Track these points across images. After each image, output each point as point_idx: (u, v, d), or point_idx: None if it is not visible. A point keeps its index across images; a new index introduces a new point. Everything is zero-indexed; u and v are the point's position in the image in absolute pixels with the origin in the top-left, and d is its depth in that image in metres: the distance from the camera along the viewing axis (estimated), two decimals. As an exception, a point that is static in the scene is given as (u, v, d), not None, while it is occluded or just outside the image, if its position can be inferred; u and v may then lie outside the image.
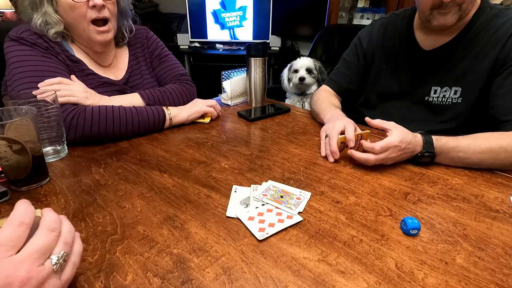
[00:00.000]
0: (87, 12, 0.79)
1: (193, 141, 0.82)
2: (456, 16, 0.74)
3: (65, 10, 0.78)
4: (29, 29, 0.78)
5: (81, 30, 0.81)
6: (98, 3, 0.79)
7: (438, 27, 0.78)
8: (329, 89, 1.07)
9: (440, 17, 0.76)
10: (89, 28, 0.81)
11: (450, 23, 0.76)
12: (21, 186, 0.58)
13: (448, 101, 0.84)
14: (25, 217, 0.31)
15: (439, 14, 0.75)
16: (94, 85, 0.85)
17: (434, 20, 0.77)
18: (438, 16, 0.76)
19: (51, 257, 0.32)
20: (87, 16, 0.80)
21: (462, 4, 0.73)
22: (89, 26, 0.81)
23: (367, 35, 1.00)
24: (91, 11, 0.80)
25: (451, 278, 0.42)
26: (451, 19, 0.75)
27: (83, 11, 0.79)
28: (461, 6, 0.73)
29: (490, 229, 0.51)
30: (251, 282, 0.40)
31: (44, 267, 0.31)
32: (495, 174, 0.67)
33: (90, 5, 0.78)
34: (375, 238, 0.49)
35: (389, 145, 0.66)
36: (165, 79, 1.02)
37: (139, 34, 1.00)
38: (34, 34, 0.78)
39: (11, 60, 0.75)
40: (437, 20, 0.77)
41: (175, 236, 0.48)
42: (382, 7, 2.40)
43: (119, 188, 0.60)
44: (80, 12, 0.79)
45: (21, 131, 0.54)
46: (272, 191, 0.60)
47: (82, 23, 0.80)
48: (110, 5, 0.83)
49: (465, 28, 0.80)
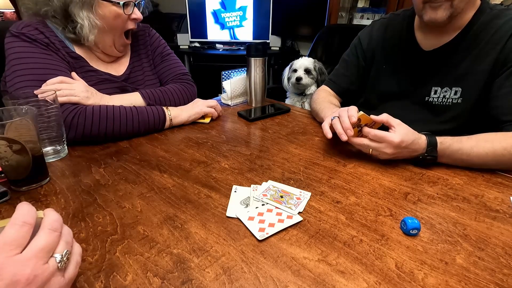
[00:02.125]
0: (127, 23, 0.84)
1: (193, 141, 0.82)
2: (447, 12, 0.75)
3: (106, 16, 0.80)
4: (30, 25, 0.77)
5: (109, 37, 0.84)
6: (139, 18, 0.85)
7: (429, 22, 0.78)
8: (329, 90, 1.07)
9: (431, 11, 0.76)
10: (119, 38, 0.86)
11: (440, 18, 0.76)
12: (21, 186, 0.58)
13: (448, 101, 0.84)
14: (28, 217, 0.32)
15: (431, 8, 0.76)
16: (94, 82, 0.85)
17: (426, 14, 0.78)
18: (429, 10, 0.76)
19: (55, 255, 0.32)
20: (125, 26, 0.85)
21: (453, 0, 0.73)
22: (120, 36, 0.86)
23: (367, 36, 1.00)
24: (131, 23, 0.85)
25: (451, 278, 0.42)
26: (441, 14, 0.75)
27: (124, 21, 0.83)
28: (452, 2, 0.73)
29: (490, 229, 0.51)
30: (251, 282, 0.40)
31: (48, 265, 0.31)
32: (495, 174, 0.67)
33: (132, 17, 0.84)
34: (375, 238, 0.49)
35: (385, 138, 0.66)
36: (166, 78, 1.02)
37: (141, 32, 1.00)
38: (35, 29, 0.77)
39: (11, 56, 0.75)
40: (428, 15, 0.77)
41: (175, 236, 0.48)
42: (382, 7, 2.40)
43: (119, 188, 0.60)
44: (122, 21, 0.83)
45: (21, 131, 0.54)
46: (272, 191, 0.60)
47: (117, 31, 0.84)
48: None
49: (465, 29, 0.80)
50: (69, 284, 0.34)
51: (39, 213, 0.34)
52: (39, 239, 0.32)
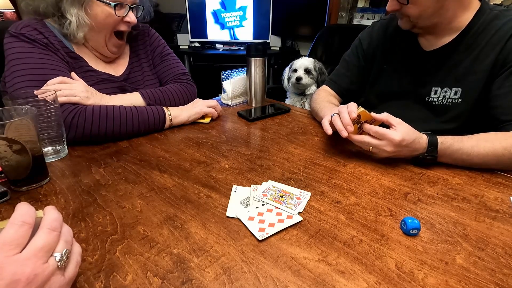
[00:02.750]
0: (119, 24, 0.83)
1: (193, 141, 0.82)
2: (408, 24, 0.83)
3: (97, 16, 0.79)
4: (29, 25, 0.77)
5: (100, 37, 0.83)
6: (132, 22, 0.84)
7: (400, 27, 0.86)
8: (329, 89, 1.07)
9: (399, 19, 0.86)
10: (110, 38, 0.84)
11: (404, 28, 0.85)
12: (21, 186, 0.58)
13: (448, 101, 0.84)
14: (27, 217, 0.32)
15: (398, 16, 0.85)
16: (93, 82, 0.85)
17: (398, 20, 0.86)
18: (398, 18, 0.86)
19: (55, 254, 0.33)
20: (116, 27, 0.83)
21: (409, 17, 0.80)
22: (111, 36, 0.84)
23: (367, 37, 1.00)
24: (123, 25, 0.84)
25: (451, 278, 0.42)
26: (404, 25, 0.85)
27: (116, 22, 0.82)
28: (409, 17, 0.80)
29: (490, 229, 0.51)
30: (251, 282, 0.40)
31: (48, 264, 0.31)
32: (495, 174, 0.67)
33: (126, 20, 0.82)
34: (375, 238, 0.49)
35: (386, 136, 0.66)
36: (166, 78, 1.02)
37: (140, 32, 1.00)
38: (34, 30, 0.77)
39: (10, 56, 0.75)
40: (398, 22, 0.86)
41: (175, 236, 0.48)
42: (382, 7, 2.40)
43: (119, 188, 0.60)
44: (113, 22, 0.82)
45: (21, 131, 0.54)
46: (272, 191, 0.60)
47: (108, 31, 0.83)
48: None
49: (465, 29, 0.80)
50: (69, 283, 0.34)
51: (39, 213, 0.34)
52: (38, 239, 0.32)
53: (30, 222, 0.32)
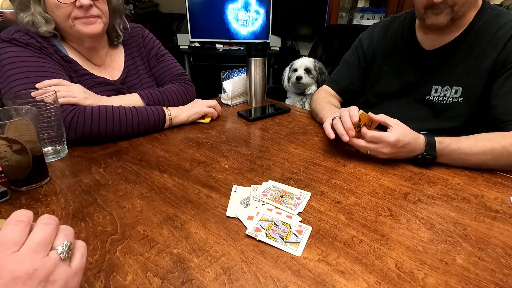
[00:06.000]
0: (72, 11, 0.77)
1: (193, 141, 0.82)
2: (448, 17, 0.76)
3: (52, 9, 0.77)
4: (20, 30, 0.77)
5: (68, 28, 0.80)
6: (85, 4, 0.77)
7: (431, 26, 0.80)
8: (330, 90, 1.07)
9: (433, 16, 0.78)
10: (74, 23, 0.79)
11: (442, 23, 0.77)
12: (21, 186, 0.58)
13: (449, 100, 0.84)
14: (21, 216, 0.32)
15: (432, 13, 0.78)
16: (90, 85, 0.84)
17: (428, 19, 0.79)
18: (431, 16, 0.78)
19: (56, 247, 0.32)
20: (72, 15, 0.78)
21: (454, 6, 0.75)
22: (73, 21, 0.79)
23: (367, 37, 1.01)
24: (78, 11, 0.78)
25: (451, 278, 0.42)
26: (443, 19, 0.77)
27: (68, 11, 0.77)
28: (453, 7, 0.75)
29: (490, 229, 0.51)
30: (251, 282, 0.40)
31: (49, 257, 0.31)
32: (495, 174, 0.67)
33: (77, 5, 0.77)
34: (375, 238, 0.49)
35: (381, 139, 0.66)
36: (163, 80, 1.01)
37: (134, 33, 0.99)
38: (26, 34, 0.76)
39: (4, 62, 0.73)
40: (430, 20, 0.78)
41: (175, 236, 0.48)
42: (382, 7, 2.40)
43: (119, 188, 0.60)
44: (65, 12, 0.77)
45: (21, 131, 0.54)
46: (272, 191, 0.60)
47: (67, 21, 0.78)
48: (100, 4, 0.81)
49: (466, 29, 0.80)
50: (78, 273, 0.34)
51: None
52: (35, 234, 0.32)
53: (24, 220, 0.32)
